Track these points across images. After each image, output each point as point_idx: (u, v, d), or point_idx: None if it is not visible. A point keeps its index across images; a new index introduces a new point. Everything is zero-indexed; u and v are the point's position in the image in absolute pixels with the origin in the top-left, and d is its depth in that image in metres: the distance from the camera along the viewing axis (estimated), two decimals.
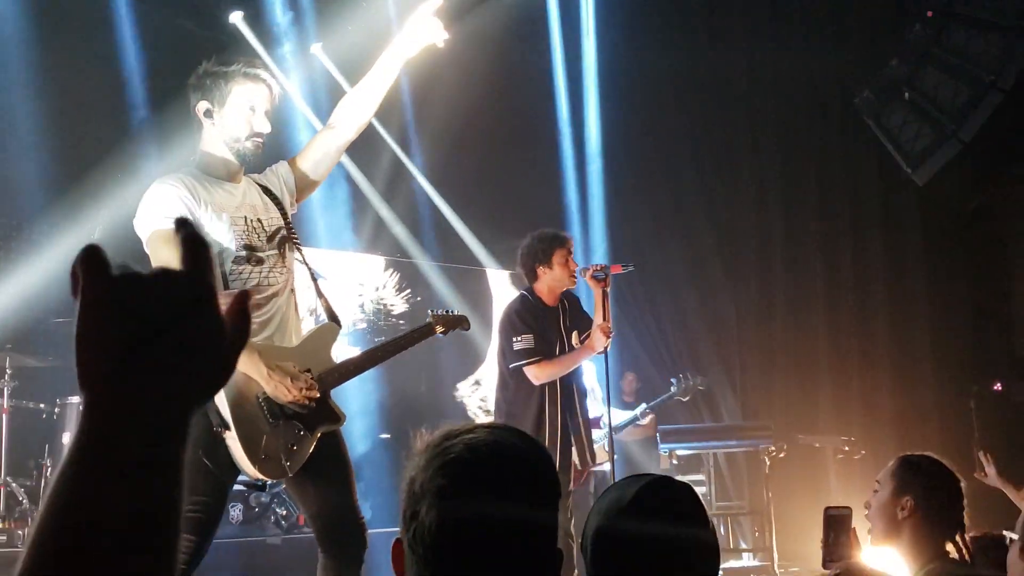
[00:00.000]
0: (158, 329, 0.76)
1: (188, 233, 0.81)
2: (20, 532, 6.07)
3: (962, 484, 3.08)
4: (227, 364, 0.82)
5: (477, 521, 1.42)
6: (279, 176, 3.80)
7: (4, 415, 6.42)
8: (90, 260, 0.76)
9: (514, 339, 5.40)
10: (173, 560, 0.76)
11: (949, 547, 2.92)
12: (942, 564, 2.85)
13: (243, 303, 0.84)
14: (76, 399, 6.64)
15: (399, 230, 9.86)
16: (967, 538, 3.02)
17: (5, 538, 6.06)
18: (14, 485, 6.35)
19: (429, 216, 10.11)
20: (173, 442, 0.77)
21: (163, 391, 0.77)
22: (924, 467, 3.00)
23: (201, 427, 3.32)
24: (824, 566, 2.76)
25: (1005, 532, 2.77)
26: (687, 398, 7.42)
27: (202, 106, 3.55)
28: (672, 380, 5.93)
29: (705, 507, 1.96)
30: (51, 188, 7.42)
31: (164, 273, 0.79)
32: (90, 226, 7.01)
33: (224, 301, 0.80)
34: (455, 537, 1.41)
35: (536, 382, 5.34)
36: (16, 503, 6.34)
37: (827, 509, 2.84)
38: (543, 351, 5.38)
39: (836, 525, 2.82)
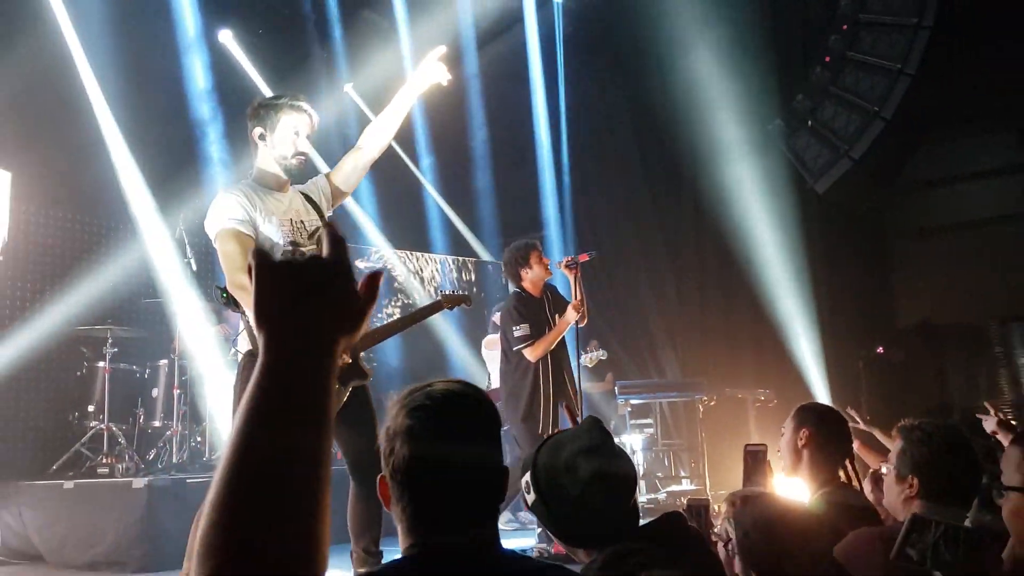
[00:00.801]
0: (312, 288, 0.88)
1: (331, 230, 0.93)
2: (119, 466, 6.10)
3: (849, 424, 3.15)
4: (360, 315, 0.91)
5: (437, 452, 1.45)
6: (318, 187, 3.80)
7: (107, 375, 6.44)
8: (259, 253, 0.90)
9: (514, 328, 5.45)
10: (328, 453, 0.85)
11: (840, 474, 2.94)
12: (834, 487, 2.86)
13: (375, 280, 0.94)
14: (163, 362, 6.75)
15: (411, 226, 9.90)
16: (856, 468, 3.04)
17: (107, 470, 6.08)
18: (114, 428, 6.37)
19: (438, 217, 10.14)
20: (329, 360, 0.87)
21: (318, 325, 0.87)
22: (816, 409, 3.08)
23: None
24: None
25: (883, 465, 2.80)
26: (592, 365, 7.40)
27: (257, 131, 3.57)
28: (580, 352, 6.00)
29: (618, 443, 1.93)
30: (139, 195, 7.45)
31: (315, 257, 0.91)
32: (172, 222, 7.06)
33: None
34: (422, 465, 1.44)
35: (532, 359, 5.40)
36: (115, 443, 6.35)
37: (746, 446, 2.84)
38: (535, 335, 5.42)
39: (754, 458, 2.82)
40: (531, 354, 5.39)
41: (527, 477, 1.88)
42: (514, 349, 5.46)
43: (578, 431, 1.90)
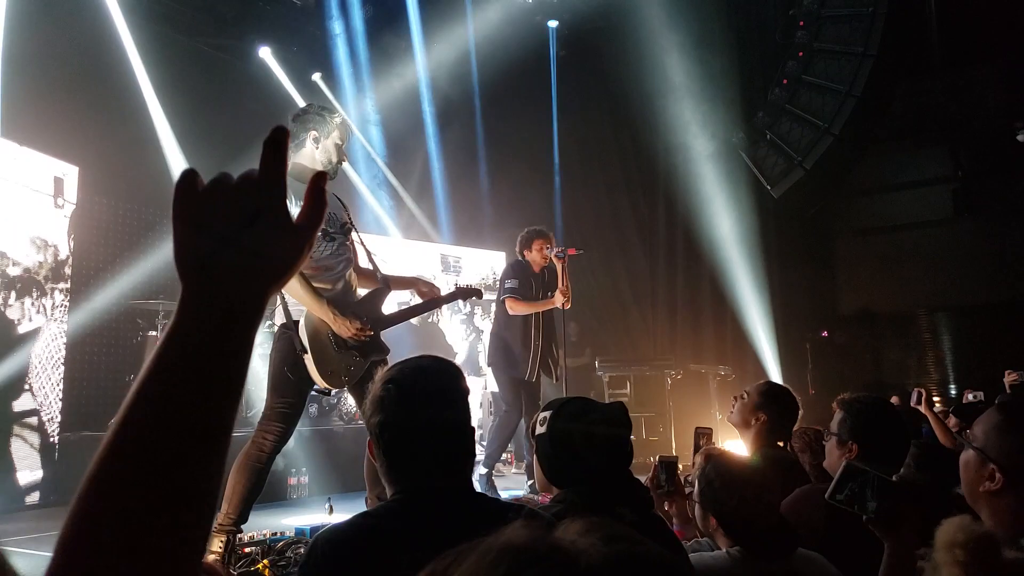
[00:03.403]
0: (239, 226, 0.66)
1: (272, 138, 0.69)
2: None
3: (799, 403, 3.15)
4: (299, 248, 0.69)
5: (401, 418, 1.48)
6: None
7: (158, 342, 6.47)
8: (182, 178, 0.68)
9: (507, 280, 5.54)
10: (231, 421, 0.65)
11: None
12: (772, 449, 2.89)
13: (320, 183, 0.72)
14: None
15: (424, 221, 9.89)
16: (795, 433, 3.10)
17: None
18: None
19: (447, 212, 10.13)
20: (251, 322, 0.67)
21: (245, 273, 0.66)
22: (779, 397, 3.01)
23: (288, 350, 3.37)
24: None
25: (822, 429, 2.82)
26: None
27: (312, 133, 3.53)
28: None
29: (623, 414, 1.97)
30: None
31: (244, 179, 0.68)
32: None
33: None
34: (389, 429, 1.48)
35: (511, 311, 5.44)
36: None
37: (697, 428, 2.97)
38: (522, 293, 5.47)
39: (702, 437, 2.95)
40: (512, 306, 5.43)
41: (546, 413, 1.91)
42: (500, 298, 5.51)
43: (608, 406, 1.95)
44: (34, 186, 6.14)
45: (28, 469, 5.76)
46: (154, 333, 6.51)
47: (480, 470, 5.33)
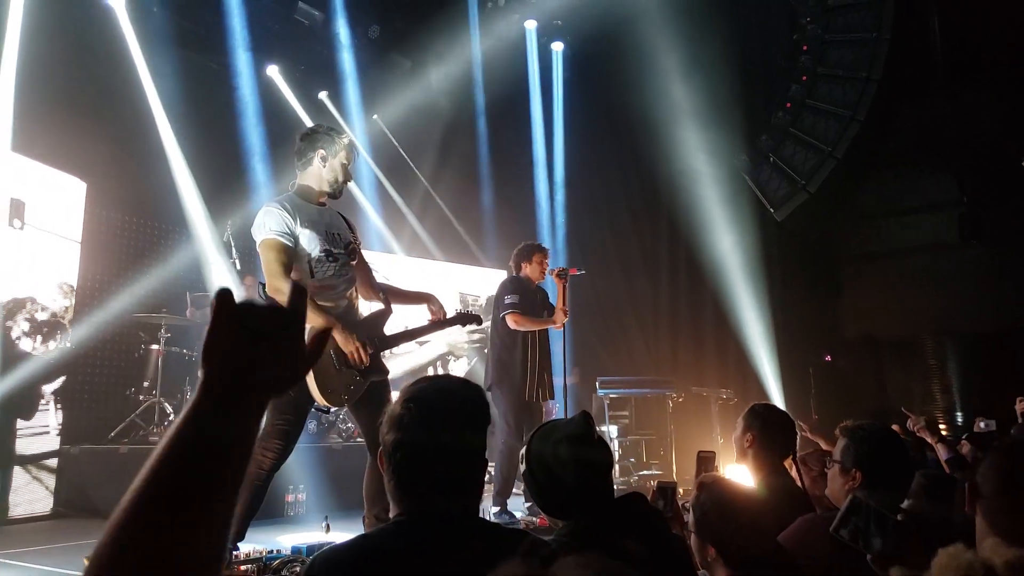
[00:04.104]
0: (261, 338, 0.78)
1: (295, 283, 0.84)
2: None
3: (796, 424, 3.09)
4: (299, 373, 0.82)
5: (416, 439, 1.45)
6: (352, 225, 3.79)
7: (160, 356, 6.45)
8: (222, 294, 0.78)
9: (506, 296, 5.46)
10: (233, 505, 0.75)
11: (788, 464, 2.92)
12: (775, 476, 2.84)
13: (323, 337, 0.86)
14: None
15: (425, 238, 9.91)
16: (798, 463, 3.00)
17: (157, 439, 6.04)
18: (165, 404, 6.39)
19: (449, 230, 10.15)
20: (254, 419, 0.78)
21: (256, 381, 0.77)
22: (761, 414, 2.96)
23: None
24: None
25: (830, 458, 2.76)
26: None
27: (320, 152, 3.55)
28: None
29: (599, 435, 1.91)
30: (193, 203, 7.46)
31: (273, 306, 0.81)
32: (221, 228, 7.06)
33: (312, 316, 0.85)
34: (402, 449, 1.45)
35: (512, 326, 5.37)
36: (165, 416, 6.36)
37: (699, 452, 2.82)
38: (523, 309, 5.41)
39: (704, 462, 2.86)
40: (512, 321, 5.37)
41: (523, 451, 1.89)
42: (501, 314, 5.43)
43: (569, 421, 1.90)
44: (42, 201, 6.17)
45: (29, 482, 5.75)
46: (156, 347, 6.50)
47: (492, 508, 5.19)
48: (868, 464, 2.39)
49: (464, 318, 4.10)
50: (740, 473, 3.00)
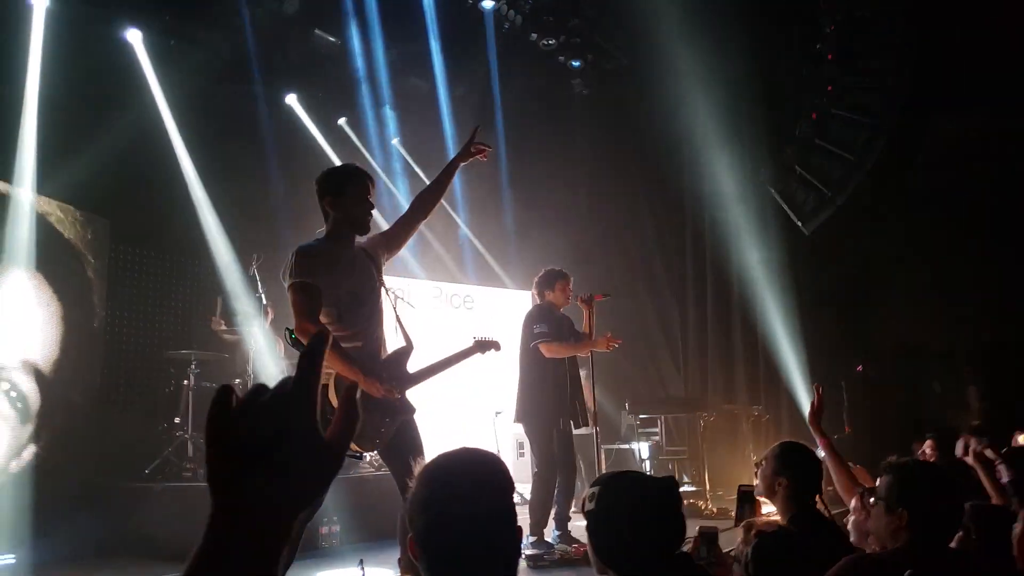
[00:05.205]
0: (267, 448, 0.68)
1: (310, 348, 0.73)
2: (201, 471, 6.00)
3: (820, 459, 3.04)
4: (330, 469, 0.71)
5: (449, 523, 1.41)
6: (375, 242, 3.76)
7: (190, 391, 6.49)
8: (219, 396, 0.70)
9: (535, 325, 5.44)
10: None
11: (816, 501, 2.86)
12: (803, 513, 2.80)
13: (351, 395, 0.76)
14: (238, 381, 6.62)
15: (448, 261, 9.94)
16: (825, 500, 2.96)
17: (191, 474, 6.16)
18: (197, 438, 6.39)
19: (472, 253, 10.18)
20: (279, 539, 0.68)
21: (272, 498, 0.67)
22: (795, 460, 2.89)
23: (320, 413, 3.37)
24: (736, 525, 2.74)
25: (872, 497, 2.71)
26: None
27: (342, 193, 3.52)
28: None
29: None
30: (218, 239, 7.55)
31: (276, 394, 0.70)
32: (246, 263, 7.11)
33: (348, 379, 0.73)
34: (436, 535, 1.41)
35: (547, 355, 5.35)
36: (197, 450, 6.36)
37: (740, 486, 2.85)
38: (554, 336, 5.41)
39: (745, 497, 2.84)
40: (546, 350, 5.36)
41: (595, 489, 1.87)
42: (531, 344, 5.41)
43: (655, 482, 1.88)
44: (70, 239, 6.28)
45: (62, 519, 5.80)
46: (187, 382, 6.56)
47: (528, 538, 5.16)
48: (915, 502, 2.35)
49: (483, 345, 4.08)
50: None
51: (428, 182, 4.03)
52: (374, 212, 3.65)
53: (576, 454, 5.59)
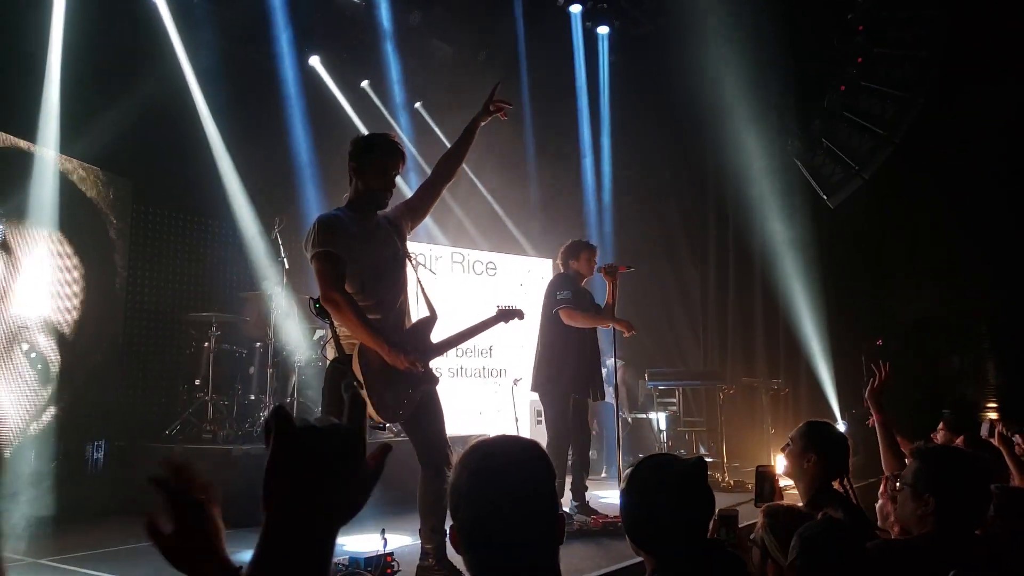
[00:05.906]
0: (324, 471, 0.80)
1: (354, 392, 0.87)
2: (220, 433, 6.20)
3: (850, 442, 3.02)
4: (363, 498, 0.84)
5: (494, 511, 1.40)
6: (399, 211, 3.74)
7: (211, 354, 6.51)
8: (280, 418, 0.80)
9: (558, 292, 5.46)
10: None
11: (835, 484, 2.86)
12: (824, 494, 2.80)
13: (383, 455, 0.87)
14: (259, 344, 6.69)
15: (470, 227, 9.91)
16: (851, 481, 2.94)
17: (211, 436, 6.21)
18: (217, 400, 6.47)
19: (494, 220, 10.13)
20: (325, 552, 0.80)
21: (322, 514, 0.80)
22: (824, 437, 2.90)
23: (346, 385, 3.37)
24: (756, 505, 2.70)
25: (899, 483, 2.69)
26: None
27: (368, 163, 3.50)
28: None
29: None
30: (241, 201, 7.55)
31: (333, 428, 0.82)
32: (269, 226, 7.11)
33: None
34: (481, 527, 1.41)
35: (566, 321, 5.34)
36: (217, 412, 6.44)
37: (758, 467, 2.81)
38: (576, 303, 5.41)
39: (764, 477, 2.81)
40: (566, 317, 5.35)
41: (629, 471, 1.89)
42: (553, 310, 5.42)
43: (683, 463, 1.87)
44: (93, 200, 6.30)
45: (81, 479, 5.89)
46: (207, 345, 6.59)
47: None
48: (942, 488, 2.34)
49: (506, 314, 4.06)
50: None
51: (450, 146, 3.97)
52: (399, 182, 3.63)
53: (590, 423, 5.61)
